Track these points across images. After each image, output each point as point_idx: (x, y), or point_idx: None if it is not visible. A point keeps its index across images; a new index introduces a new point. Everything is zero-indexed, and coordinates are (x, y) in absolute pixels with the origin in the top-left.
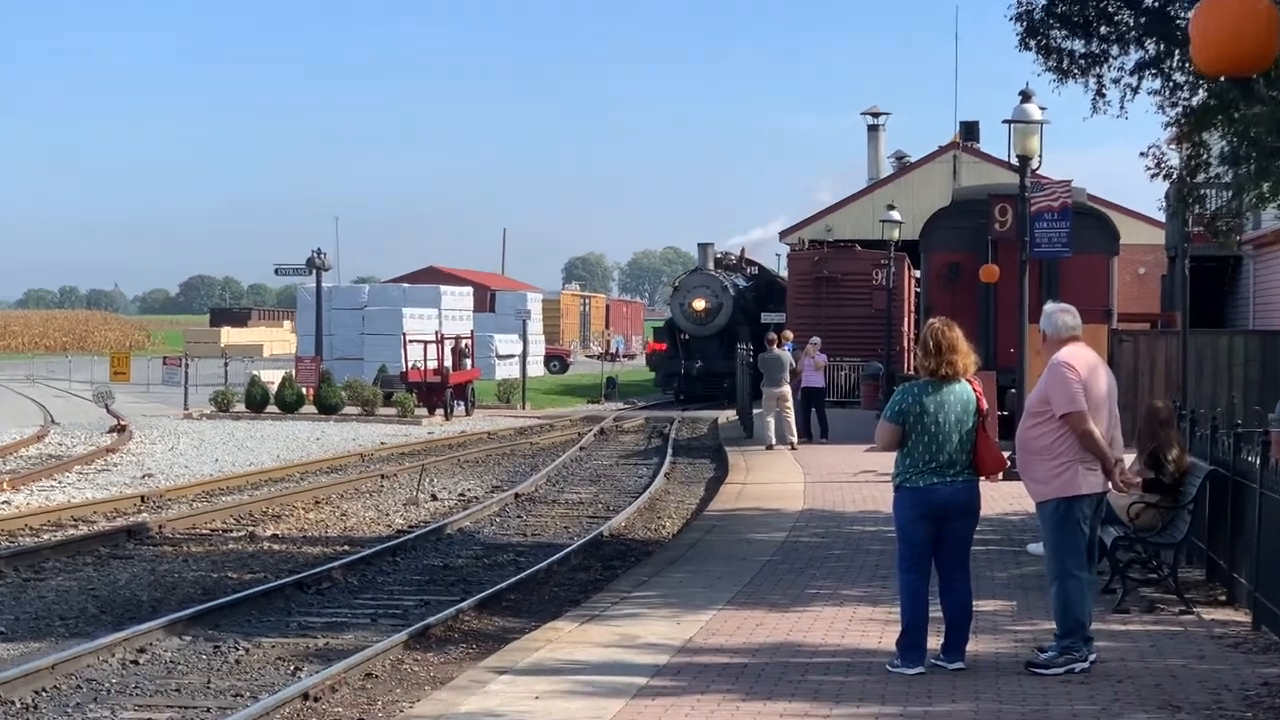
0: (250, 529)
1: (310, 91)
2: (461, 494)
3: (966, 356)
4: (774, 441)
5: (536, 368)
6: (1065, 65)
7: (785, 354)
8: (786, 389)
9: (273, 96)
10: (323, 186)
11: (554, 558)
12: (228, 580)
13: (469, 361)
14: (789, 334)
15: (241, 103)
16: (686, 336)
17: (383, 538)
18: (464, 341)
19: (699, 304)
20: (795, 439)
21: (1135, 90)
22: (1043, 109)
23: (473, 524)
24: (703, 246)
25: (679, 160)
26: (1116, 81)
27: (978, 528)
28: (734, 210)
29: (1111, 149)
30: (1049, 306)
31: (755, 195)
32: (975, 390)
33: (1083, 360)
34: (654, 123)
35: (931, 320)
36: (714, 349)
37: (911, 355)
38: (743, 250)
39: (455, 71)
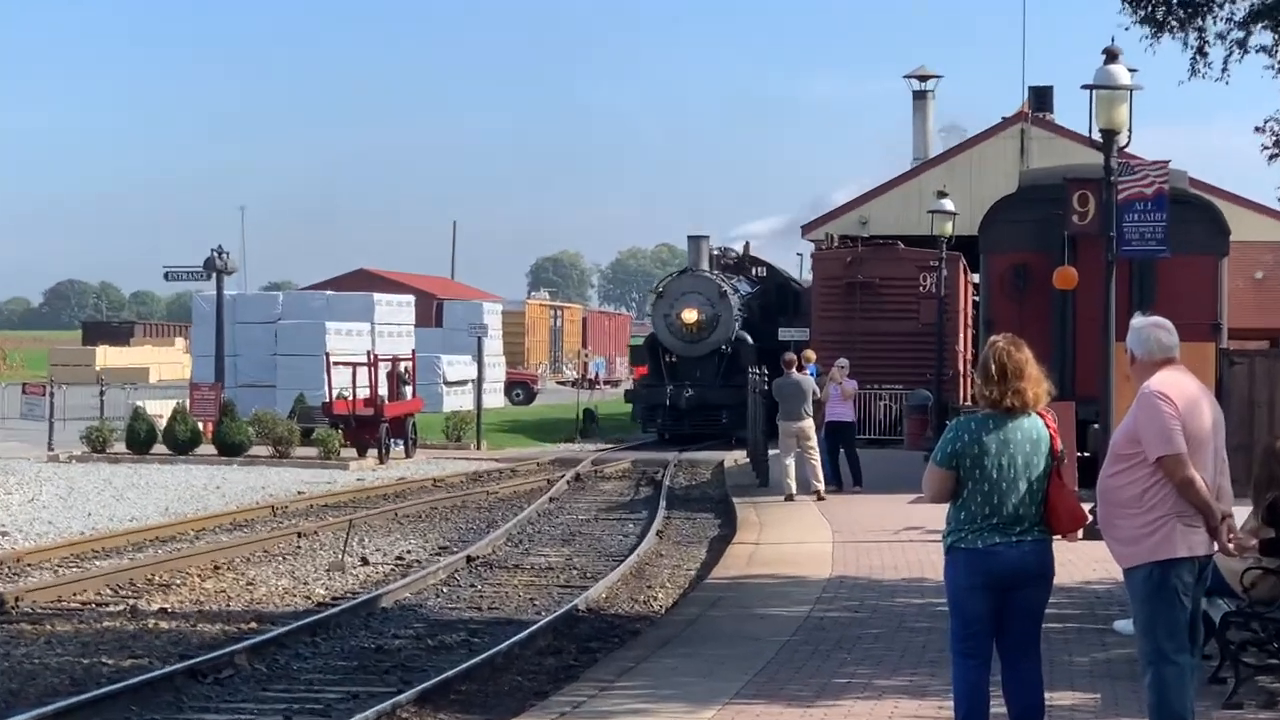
0: (132, 602)
1: (207, 55)
2: (399, 557)
3: (1038, 384)
4: (795, 490)
5: (495, 397)
6: (1161, 16)
7: (807, 379)
8: (809, 423)
9: (160, 60)
10: (225, 170)
11: (516, 638)
12: (102, 667)
13: (409, 389)
14: (810, 354)
15: (119, 68)
16: (673, 357)
17: (299, 613)
18: (404, 364)
19: (690, 315)
20: (822, 486)
21: (1243, 47)
22: (1133, 71)
23: (413, 595)
24: (695, 240)
25: (673, 138)
26: (1223, 37)
27: (1051, 599)
28: (741, 199)
29: (1221, 123)
30: (1137, 320)
31: (768, 180)
32: (1048, 426)
33: (1181, 389)
34: (641, 93)
35: (994, 338)
36: (709, 373)
37: (968, 381)
38: (746, 246)
39: (391, 28)
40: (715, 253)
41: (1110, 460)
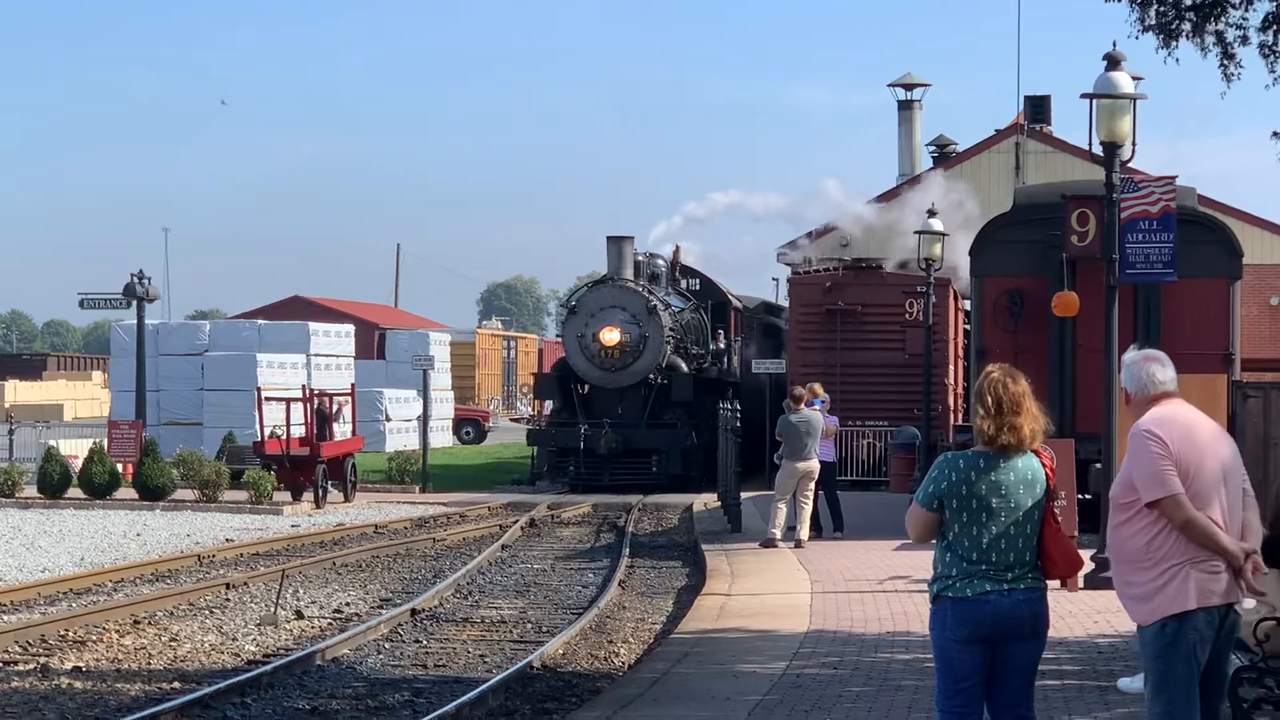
0: (43, 660)
1: (124, 55)
2: (337, 610)
3: (1034, 420)
4: (779, 536)
5: (443, 435)
6: (1170, 20)
7: (818, 415)
8: (816, 464)
9: (71, 60)
10: (147, 187)
11: (465, 698)
12: None
13: (336, 427)
14: (818, 388)
15: (25, 68)
16: (586, 388)
17: (227, 671)
18: (337, 400)
19: (610, 335)
20: (805, 533)
21: (1274, 50)
22: (1138, 80)
23: (353, 651)
24: (616, 242)
25: (637, 152)
26: (1244, 40)
27: (1048, 653)
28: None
29: (1234, 136)
30: (1130, 355)
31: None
32: (1045, 464)
33: (1175, 423)
34: (602, 104)
35: (989, 368)
36: (633, 409)
37: (959, 417)
38: (676, 251)
39: (327, 31)
40: (639, 259)
41: (1112, 511)
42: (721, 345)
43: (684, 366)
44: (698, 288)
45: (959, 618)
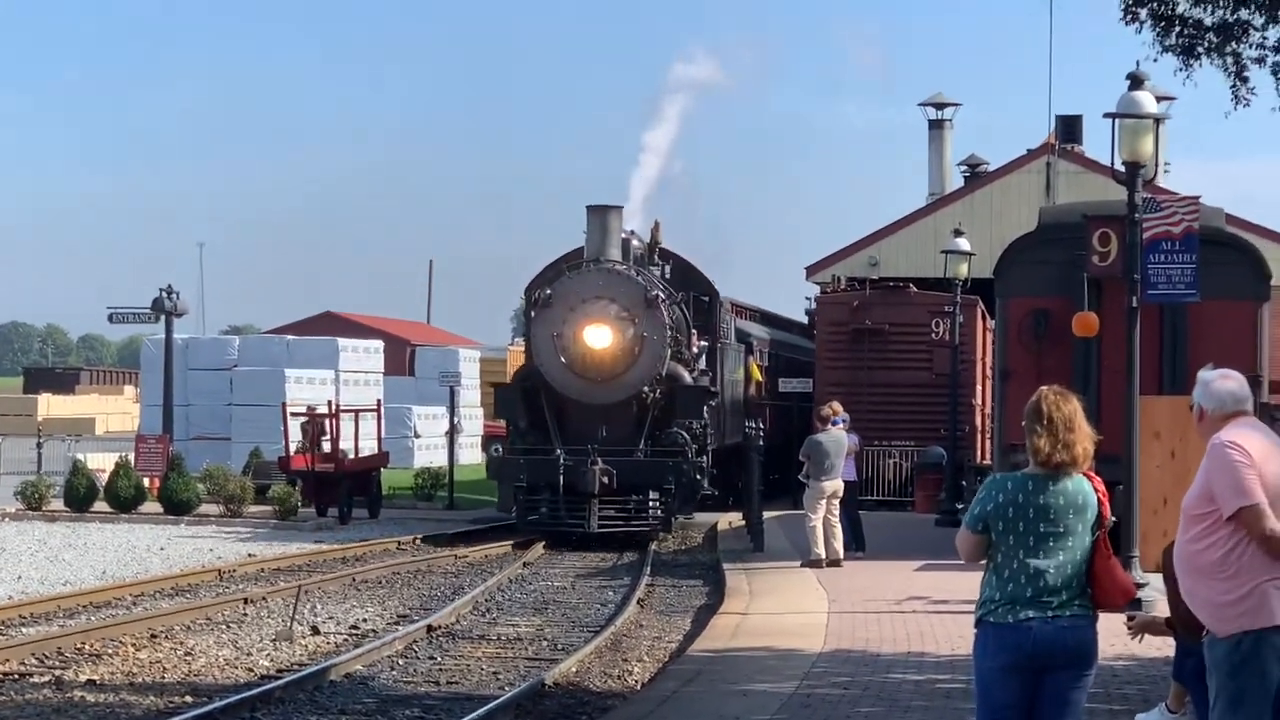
0: (58, 673)
1: (162, 74)
2: (354, 626)
3: (1087, 439)
4: (824, 556)
5: (472, 452)
6: (1189, 41)
7: (842, 434)
8: (841, 483)
9: (115, 77)
10: (181, 202)
11: (474, 714)
12: None
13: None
14: (837, 406)
15: (67, 85)
16: (565, 406)
17: (239, 686)
18: (318, 421)
19: (598, 335)
20: (840, 550)
21: None
22: (1168, 100)
23: (366, 667)
24: (600, 213)
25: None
26: (1260, 61)
27: None
28: (758, 230)
29: (1263, 157)
30: (1205, 373)
31: (772, 214)
32: (1096, 489)
33: (1254, 440)
34: (636, 118)
35: (1042, 388)
36: (623, 431)
37: (986, 437)
38: (656, 228)
39: (367, 43)
40: (623, 237)
41: (1185, 524)
42: (696, 349)
43: (687, 376)
44: (668, 275)
45: (999, 644)
